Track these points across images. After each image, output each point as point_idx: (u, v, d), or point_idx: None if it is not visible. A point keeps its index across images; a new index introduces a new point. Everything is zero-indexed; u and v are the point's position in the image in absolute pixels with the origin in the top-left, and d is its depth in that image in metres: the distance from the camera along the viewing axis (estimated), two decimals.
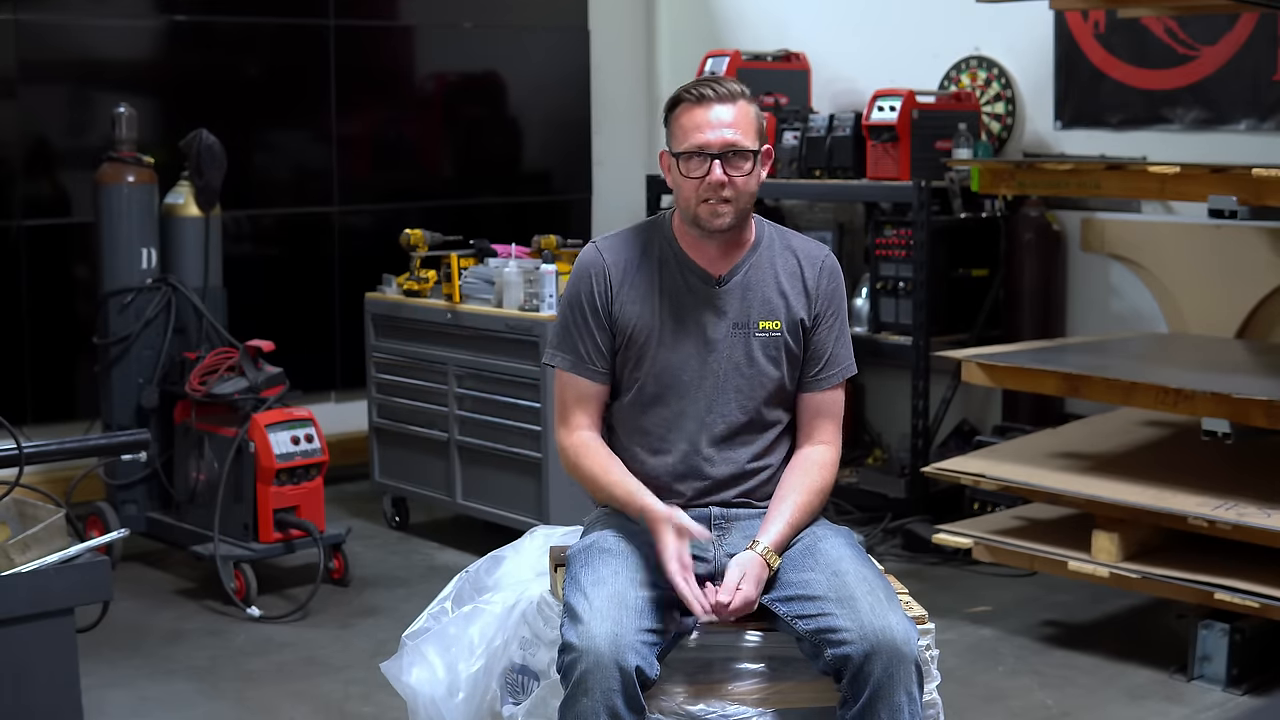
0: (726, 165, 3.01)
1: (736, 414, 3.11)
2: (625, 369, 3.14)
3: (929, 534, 5.25)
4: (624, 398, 3.15)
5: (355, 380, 6.60)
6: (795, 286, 3.14)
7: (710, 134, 3.01)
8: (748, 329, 3.11)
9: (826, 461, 3.15)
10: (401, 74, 7.19)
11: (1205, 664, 4.41)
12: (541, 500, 5.39)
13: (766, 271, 3.14)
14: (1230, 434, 4.37)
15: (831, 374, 3.17)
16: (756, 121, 3.06)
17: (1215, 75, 5.64)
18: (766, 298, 3.12)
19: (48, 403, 6.17)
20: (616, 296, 3.12)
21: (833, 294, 3.17)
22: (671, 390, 3.10)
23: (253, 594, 5.09)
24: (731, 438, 3.11)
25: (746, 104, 3.05)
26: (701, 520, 3.08)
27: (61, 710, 3.46)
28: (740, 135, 3.01)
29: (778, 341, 3.12)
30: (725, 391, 3.10)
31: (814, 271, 3.16)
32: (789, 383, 3.15)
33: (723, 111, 3.01)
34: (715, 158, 3.01)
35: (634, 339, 3.11)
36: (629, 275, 3.13)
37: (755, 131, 3.05)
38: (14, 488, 3.55)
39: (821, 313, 3.15)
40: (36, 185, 6.19)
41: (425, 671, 3.26)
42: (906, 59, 6.54)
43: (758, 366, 3.11)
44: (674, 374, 3.10)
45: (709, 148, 3.01)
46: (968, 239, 6.11)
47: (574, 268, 3.19)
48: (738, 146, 3.01)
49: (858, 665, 2.78)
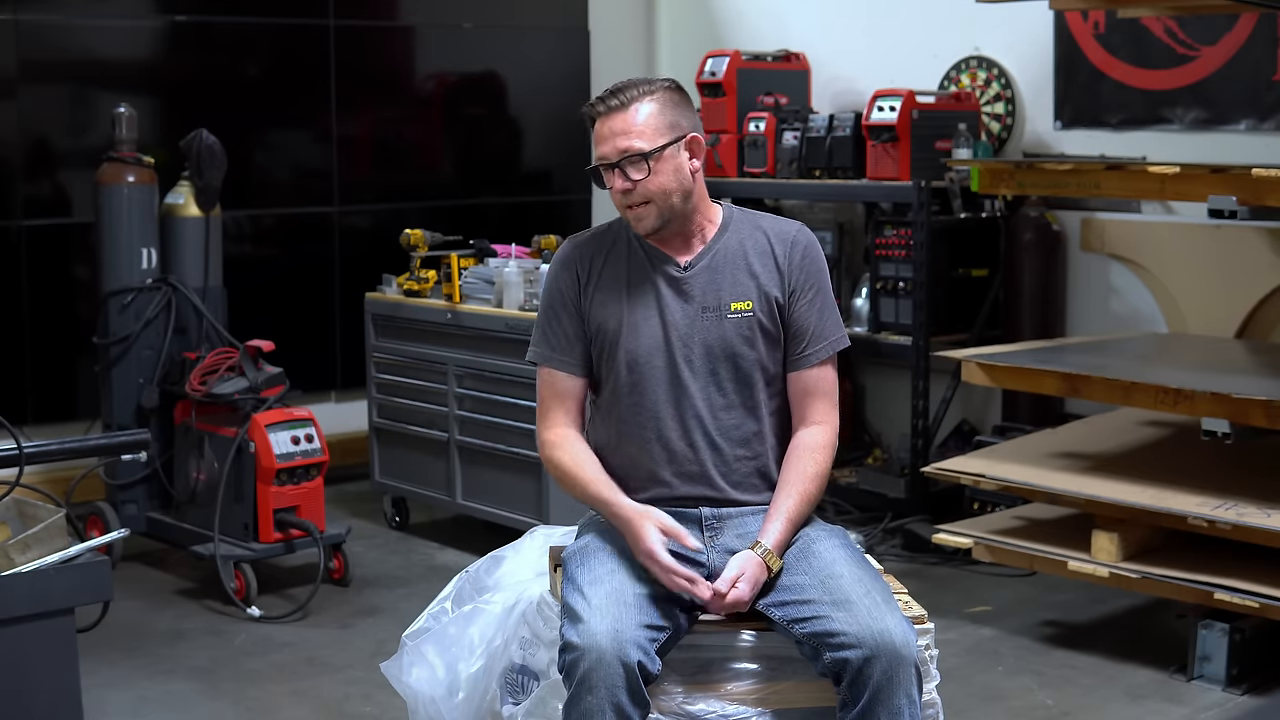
0: (628, 170, 3.04)
1: (716, 397, 3.09)
2: (601, 361, 3.15)
3: (929, 534, 5.25)
4: (603, 391, 3.16)
5: (355, 380, 6.60)
6: (766, 264, 3.13)
7: (605, 146, 3.06)
8: (719, 311, 3.10)
9: (822, 444, 3.11)
10: (401, 74, 7.19)
11: (1205, 664, 4.41)
12: (541, 500, 5.39)
13: (735, 253, 3.13)
14: (1230, 434, 4.37)
15: (817, 349, 3.12)
16: (663, 117, 3.06)
17: (1215, 75, 5.64)
18: (736, 279, 3.11)
19: (48, 403, 6.17)
20: (586, 290, 3.14)
21: (807, 268, 3.13)
22: (646, 379, 3.10)
23: (253, 594, 5.09)
24: (714, 422, 3.09)
25: (647, 103, 3.05)
26: (691, 521, 3.07)
27: (61, 710, 3.47)
28: (634, 139, 3.03)
29: (750, 322, 3.10)
30: (700, 376, 3.09)
31: (784, 248, 3.14)
32: (770, 364, 3.12)
33: (616, 121, 3.05)
34: (615, 166, 3.05)
35: (604, 329, 3.13)
36: (598, 269, 3.16)
37: (659, 128, 3.05)
38: (14, 488, 3.56)
39: (798, 287, 3.12)
40: (37, 185, 6.19)
41: (425, 671, 3.26)
42: (906, 59, 6.54)
43: (732, 348, 3.09)
44: (646, 362, 3.09)
45: (607, 159, 3.06)
46: (967, 239, 6.11)
47: (550, 265, 3.22)
48: (632, 151, 3.03)
49: (857, 668, 2.78)
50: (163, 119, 6.28)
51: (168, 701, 4.39)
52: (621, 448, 3.13)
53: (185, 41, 6.50)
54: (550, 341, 3.16)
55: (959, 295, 6.11)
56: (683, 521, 3.06)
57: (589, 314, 3.14)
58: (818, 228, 6.50)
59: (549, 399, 3.18)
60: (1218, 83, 5.64)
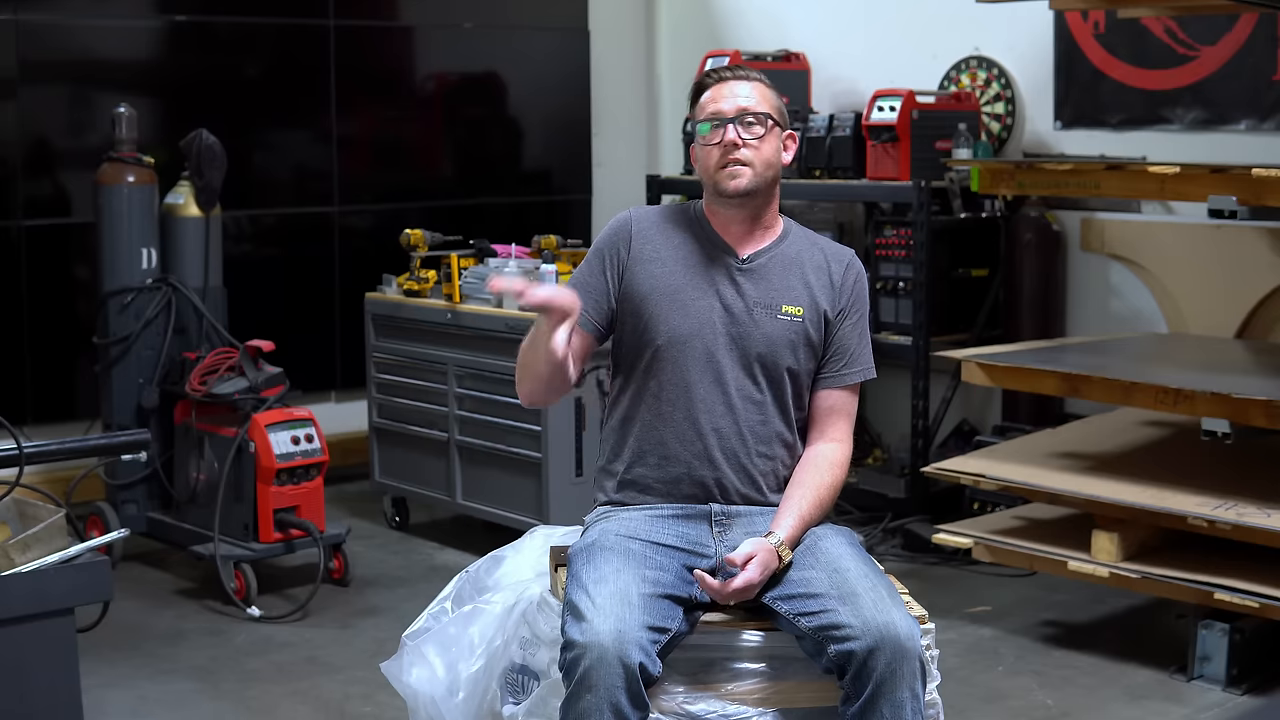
0: (741, 129, 3.12)
1: (751, 390, 3.12)
2: (636, 332, 3.15)
3: (929, 534, 5.25)
4: (637, 362, 3.16)
5: (355, 380, 6.60)
6: (821, 279, 3.19)
7: (724, 103, 3.15)
8: (771, 309, 3.14)
9: (839, 460, 3.18)
10: (401, 74, 7.19)
11: (1205, 664, 4.41)
12: (541, 500, 5.39)
13: (792, 260, 3.19)
14: (1230, 434, 4.37)
15: (852, 371, 3.20)
16: (776, 100, 3.19)
17: (1215, 75, 5.64)
18: (790, 284, 3.17)
19: (48, 403, 6.17)
20: (634, 253, 3.17)
21: (858, 293, 3.22)
22: (685, 358, 3.12)
23: (253, 594, 5.09)
24: (744, 414, 3.12)
25: (765, 86, 3.19)
26: (701, 517, 3.10)
27: (61, 710, 3.46)
28: (755, 103, 3.13)
29: (799, 328, 3.14)
30: (738, 368, 3.12)
31: (840, 268, 3.21)
32: (805, 373, 3.16)
33: (738, 86, 3.17)
34: (730, 122, 3.12)
35: (649, 300, 3.14)
36: (653, 238, 3.19)
37: (777, 107, 3.18)
38: (14, 488, 3.56)
39: (846, 308, 3.19)
40: (37, 185, 6.19)
41: (425, 671, 3.26)
42: (906, 59, 6.54)
43: (775, 348, 3.12)
44: (687, 342, 3.12)
45: (723, 114, 3.13)
46: (968, 239, 6.11)
47: (608, 224, 3.26)
48: (750, 111, 3.12)
49: (861, 661, 2.79)
50: (163, 119, 6.27)
51: (168, 701, 4.39)
52: (647, 420, 3.15)
53: (185, 41, 6.50)
54: (574, 284, 3.19)
55: (959, 295, 6.11)
56: (691, 518, 3.09)
57: (629, 276, 3.16)
58: (818, 228, 6.48)
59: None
60: (1218, 83, 5.64)
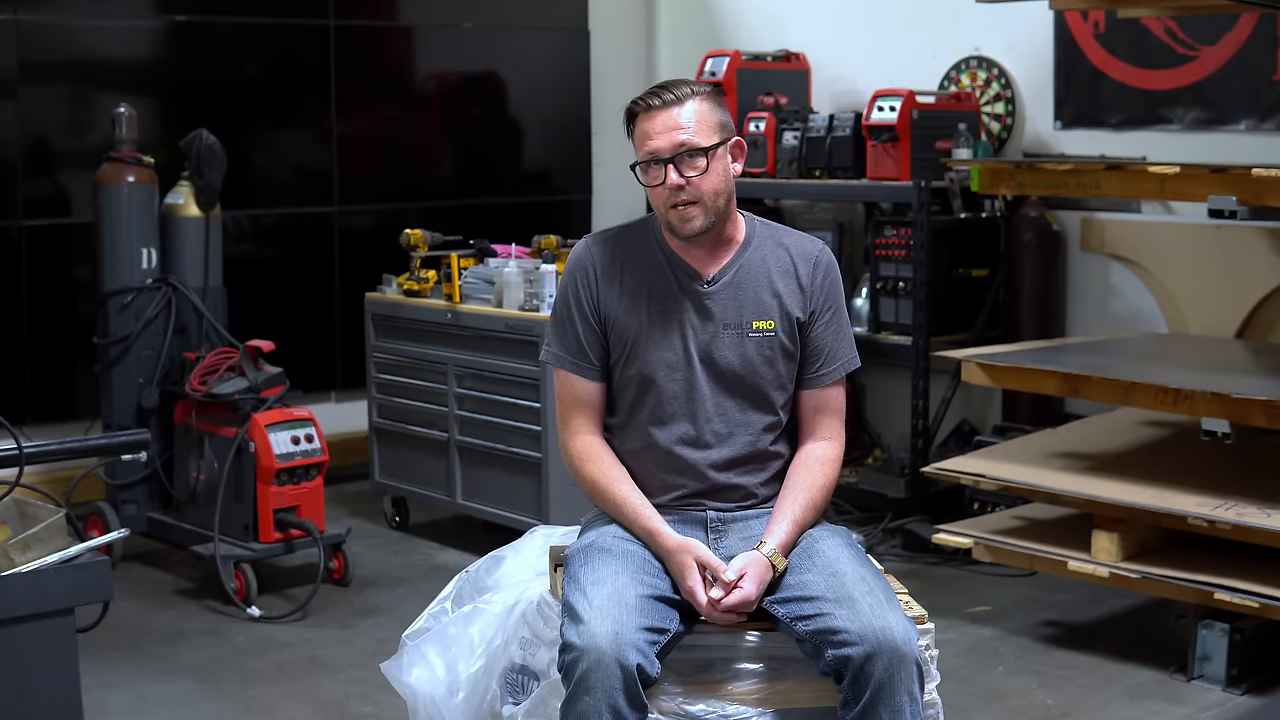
0: (682, 167, 3.00)
1: (733, 413, 3.09)
2: (617, 367, 3.13)
3: (929, 534, 5.25)
4: (620, 396, 3.15)
5: (355, 380, 6.60)
6: (789, 285, 3.12)
7: (660, 139, 3.00)
8: (741, 329, 3.09)
9: (830, 458, 3.13)
10: (401, 74, 7.19)
11: (1205, 664, 4.41)
12: (541, 500, 5.39)
13: (758, 270, 3.12)
14: (1230, 434, 4.37)
15: (831, 369, 3.15)
16: (714, 116, 3.04)
17: (1215, 75, 5.64)
18: (759, 297, 3.10)
19: (48, 403, 6.17)
20: (602, 295, 3.11)
21: (829, 288, 3.14)
22: (664, 391, 3.09)
23: (253, 594, 5.09)
24: (727, 437, 3.10)
25: (700, 101, 3.03)
26: (697, 523, 3.09)
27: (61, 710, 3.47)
28: (692, 135, 3.00)
29: (772, 341, 3.10)
30: (717, 391, 3.09)
31: (808, 267, 3.14)
32: (787, 382, 3.13)
33: (671, 115, 3.00)
34: (668, 162, 3.00)
35: (622, 337, 3.11)
36: (616, 274, 3.12)
37: (712, 127, 3.03)
38: (14, 488, 3.56)
39: (818, 309, 3.13)
40: (37, 185, 6.19)
41: (425, 671, 3.26)
42: (906, 59, 6.54)
43: (752, 366, 3.09)
44: (664, 373, 3.08)
45: (660, 153, 3.01)
46: (968, 239, 6.11)
47: (566, 263, 3.19)
48: (689, 146, 3.00)
49: (858, 666, 2.78)
50: (163, 119, 6.27)
51: (168, 701, 4.38)
52: (635, 453, 3.13)
53: (185, 41, 6.50)
54: (565, 343, 3.14)
55: (959, 295, 6.11)
56: (688, 524, 3.08)
57: (604, 317, 3.11)
58: (818, 228, 6.52)
59: (569, 405, 3.16)
60: (1218, 83, 5.64)
